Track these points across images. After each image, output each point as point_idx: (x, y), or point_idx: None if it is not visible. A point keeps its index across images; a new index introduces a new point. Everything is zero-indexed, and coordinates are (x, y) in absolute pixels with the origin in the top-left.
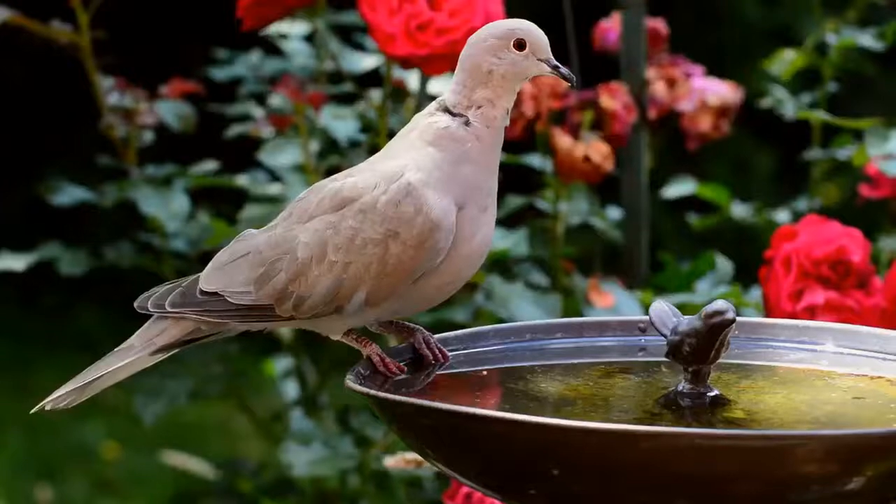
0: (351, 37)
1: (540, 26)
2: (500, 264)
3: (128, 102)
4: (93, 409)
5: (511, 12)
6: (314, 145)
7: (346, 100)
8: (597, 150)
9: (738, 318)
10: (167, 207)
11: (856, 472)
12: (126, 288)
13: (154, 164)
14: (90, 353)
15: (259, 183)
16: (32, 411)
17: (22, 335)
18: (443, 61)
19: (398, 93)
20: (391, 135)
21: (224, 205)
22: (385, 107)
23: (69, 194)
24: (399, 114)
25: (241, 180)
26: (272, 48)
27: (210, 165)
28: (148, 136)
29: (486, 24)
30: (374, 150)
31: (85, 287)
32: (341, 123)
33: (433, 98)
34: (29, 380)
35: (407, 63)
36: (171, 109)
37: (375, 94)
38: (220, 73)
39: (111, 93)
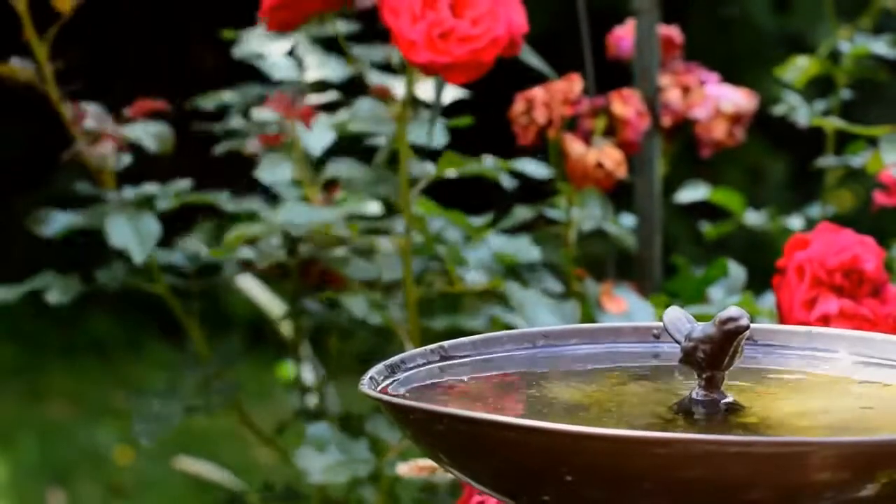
0: (333, 46)
1: (556, 34)
2: (513, 271)
3: (93, 126)
4: (105, 414)
5: (528, 21)
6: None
7: (329, 109)
8: (609, 157)
9: (753, 325)
10: (137, 235)
11: (869, 479)
12: (139, 294)
13: (132, 187)
14: (103, 358)
15: (241, 199)
16: None
17: (34, 340)
18: (465, 69)
19: (416, 101)
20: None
21: (218, 220)
22: (405, 114)
23: (57, 222)
24: (383, 122)
25: (222, 198)
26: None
27: (184, 184)
28: (125, 160)
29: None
30: (393, 157)
31: (98, 292)
32: (313, 135)
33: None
34: (41, 385)
35: (428, 70)
36: (145, 130)
37: (364, 105)
38: (207, 103)
39: (77, 120)
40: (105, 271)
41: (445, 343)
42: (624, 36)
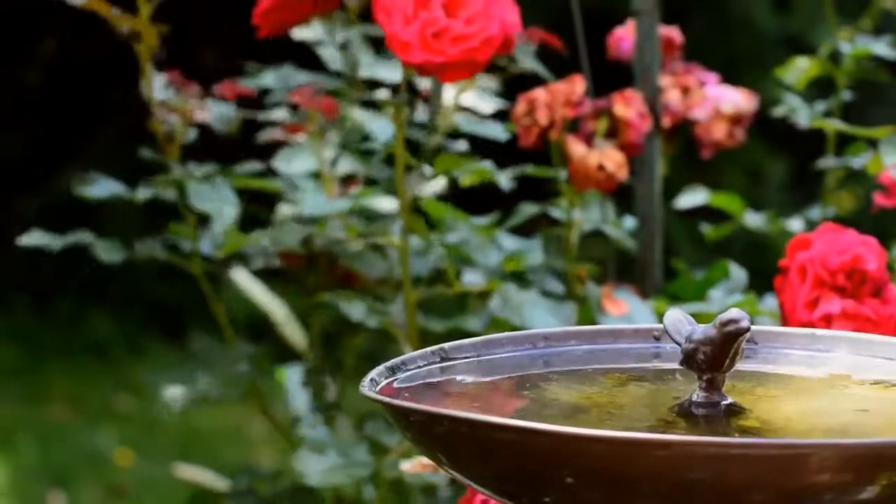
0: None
1: (554, 34)
2: (514, 272)
3: (178, 99)
4: (106, 416)
5: (525, 21)
6: (330, 152)
7: (373, 106)
8: (611, 159)
9: (753, 327)
10: (215, 202)
11: (870, 481)
12: (140, 296)
13: (195, 163)
14: (104, 360)
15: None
16: None
17: (35, 342)
18: (459, 69)
19: (413, 101)
20: (408, 143)
21: (259, 205)
22: (401, 114)
23: (103, 187)
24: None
25: (281, 183)
26: (303, 57)
27: (254, 166)
28: (192, 134)
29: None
30: (389, 158)
31: (99, 294)
32: (376, 121)
33: (466, 109)
34: (43, 386)
35: (423, 70)
36: (218, 111)
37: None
38: (248, 84)
39: (166, 87)
40: (144, 244)
41: (446, 345)
42: (624, 36)
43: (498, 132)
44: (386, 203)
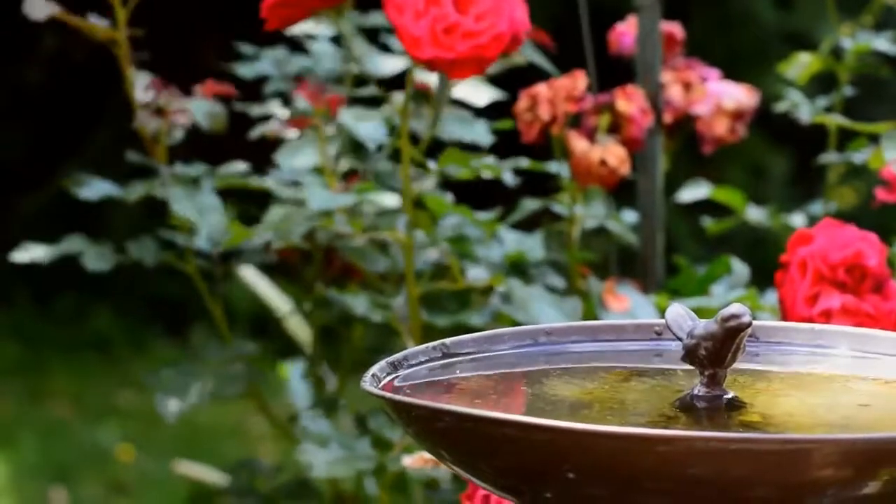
0: (377, 38)
1: (558, 31)
2: (517, 267)
3: (161, 100)
4: (107, 412)
5: (530, 18)
6: (333, 148)
7: (371, 102)
8: (613, 154)
9: (754, 322)
10: (198, 208)
11: (871, 476)
12: (142, 291)
13: (182, 163)
14: (106, 357)
15: (285, 185)
16: None
17: (37, 338)
18: (468, 65)
19: (420, 96)
20: (413, 138)
21: (250, 204)
22: (407, 109)
23: (95, 188)
24: (422, 117)
25: (269, 182)
26: (297, 45)
27: (240, 167)
28: (178, 134)
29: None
30: (396, 153)
31: (100, 290)
32: (366, 125)
33: (457, 102)
34: (44, 383)
35: (432, 66)
36: (202, 108)
37: (399, 97)
38: (245, 70)
39: (147, 90)
40: (138, 245)
41: (448, 340)
42: (625, 32)
43: (482, 135)
44: (389, 198)
